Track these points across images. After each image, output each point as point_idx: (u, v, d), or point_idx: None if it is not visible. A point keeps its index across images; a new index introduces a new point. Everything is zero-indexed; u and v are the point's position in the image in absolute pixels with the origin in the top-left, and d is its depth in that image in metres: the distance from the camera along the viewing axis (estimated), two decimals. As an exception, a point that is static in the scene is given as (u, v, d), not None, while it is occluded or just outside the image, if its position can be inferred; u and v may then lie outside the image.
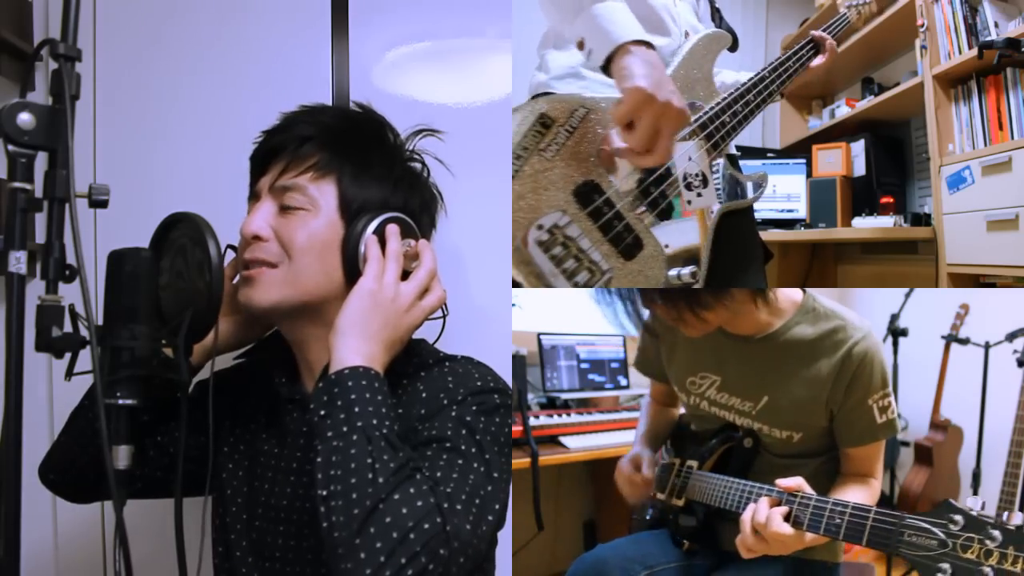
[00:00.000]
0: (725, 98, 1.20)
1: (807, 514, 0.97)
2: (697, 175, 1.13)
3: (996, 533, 0.77)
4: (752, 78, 1.25)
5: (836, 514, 0.94)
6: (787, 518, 0.99)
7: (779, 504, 1.00)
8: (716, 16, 1.36)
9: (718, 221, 1.15)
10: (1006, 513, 0.80)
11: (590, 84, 1.14)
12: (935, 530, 0.82)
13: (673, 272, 1.10)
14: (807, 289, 1.21)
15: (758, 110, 1.24)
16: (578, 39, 1.04)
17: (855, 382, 1.11)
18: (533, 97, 1.24)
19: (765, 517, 0.98)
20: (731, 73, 1.40)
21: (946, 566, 0.80)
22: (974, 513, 0.80)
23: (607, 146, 1.08)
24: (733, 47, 1.27)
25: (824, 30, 1.45)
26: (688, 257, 1.13)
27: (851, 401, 1.12)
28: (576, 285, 1.06)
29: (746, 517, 1.01)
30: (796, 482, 1.01)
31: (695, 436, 1.34)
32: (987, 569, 0.76)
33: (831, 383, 1.12)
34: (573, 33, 1.05)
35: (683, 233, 1.13)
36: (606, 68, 1.02)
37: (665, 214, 1.12)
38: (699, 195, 1.13)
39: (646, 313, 1.19)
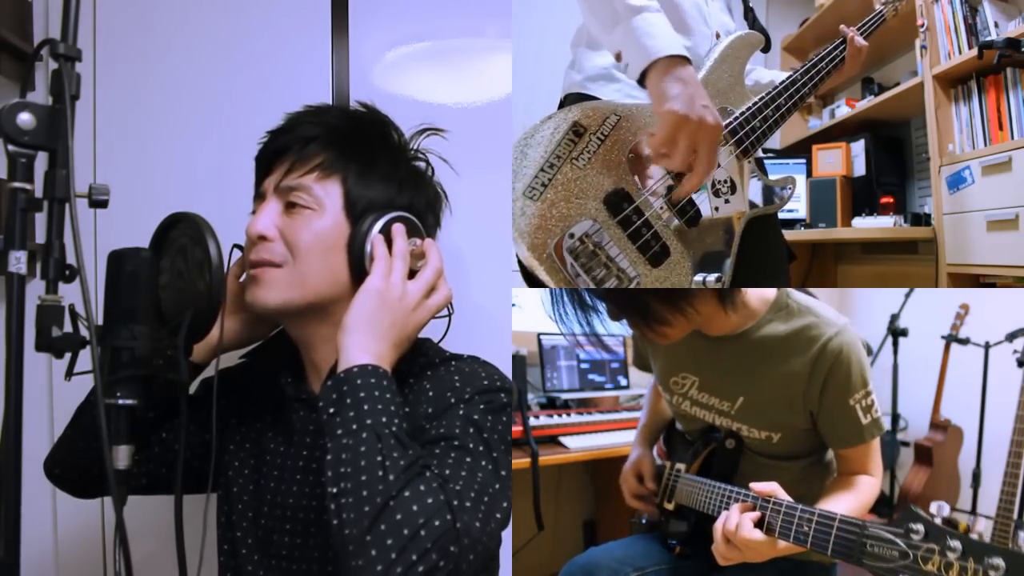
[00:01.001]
0: (756, 103, 1.19)
1: (779, 520, 0.95)
2: (725, 182, 1.13)
3: (956, 544, 0.74)
4: (784, 81, 1.24)
5: (804, 521, 0.91)
6: (760, 524, 0.97)
7: (752, 509, 0.98)
8: (749, 15, 1.35)
9: (744, 227, 1.15)
10: (970, 518, 0.77)
11: (623, 86, 1.14)
12: (897, 540, 0.78)
13: (699, 278, 1.10)
14: (789, 290, 1.18)
15: (789, 114, 1.23)
16: (616, 51, 1.05)
17: (831, 380, 1.08)
18: (565, 96, 1.25)
19: (735, 524, 0.97)
20: (765, 72, 1.39)
21: None
22: (937, 521, 0.77)
23: (636, 153, 1.08)
24: (766, 48, 1.26)
25: (859, 28, 1.43)
26: (715, 262, 1.14)
27: (830, 401, 1.09)
28: (603, 287, 1.06)
29: (718, 525, 1.00)
30: (770, 487, 0.99)
31: (683, 439, 1.33)
32: None
33: (805, 381, 1.09)
34: (611, 44, 1.06)
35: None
36: (642, 80, 1.03)
37: (693, 221, 1.13)
38: (727, 201, 1.13)
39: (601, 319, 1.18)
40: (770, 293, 1.16)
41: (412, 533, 0.74)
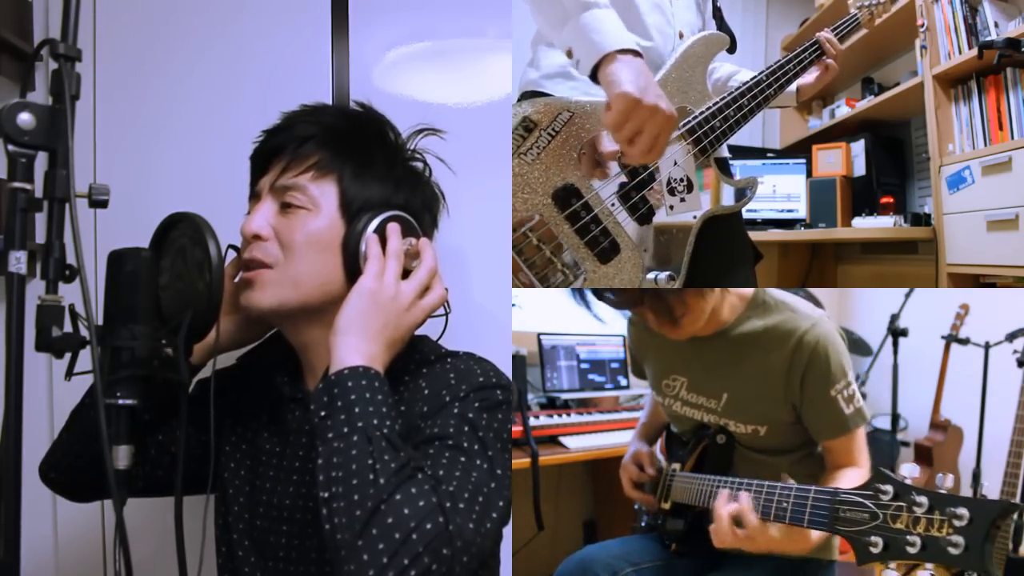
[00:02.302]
0: (717, 102, 1.18)
1: (760, 501, 0.97)
2: (682, 180, 1.12)
3: (922, 499, 0.74)
4: (747, 82, 1.24)
5: (783, 498, 0.92)
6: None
7: (735, 499, 0.99)
8: (717, 16, 1.35)
9: (701, 225, 1.15)
10: (940, 476, 0.77)
11: (579, 84, 1.13)
12: (866, 502, 0.78)
13: (651, 276, 1.10)
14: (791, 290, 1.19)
15: (751, 115, 1.22)
16: (566, 48, 1.05)
17: (810, 373, 1.10)
18: (522, 94, 1.24)
19: (726, 513, 0.98)
20: (749, 73, 1.38)
21: (877, 539, 0.76)
22: (906, 480, 0.77)
23: (591, 149, 1.08)
24: (731, 49, 1.26)
25: (832, 30, 1.43)
26: (668, 260, 1.13)
27: (811, 393, 1.11)
28: (549, 286, 1.06)
29: (722, 511, 1.00)
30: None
31: (677, 439, 1.34)
32: (914, 538, 0.73)
33: (785, 375, 1.11)
34: (561, 42, 1.06)
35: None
36: (594, 77, 1.02)
37: (645, 218, 1.12)
38: (683, 200, 1.12)
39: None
40: (747, 290, 1.18)
41: (404, 537, 0.73)
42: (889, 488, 0.77)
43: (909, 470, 0.78)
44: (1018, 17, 1.76)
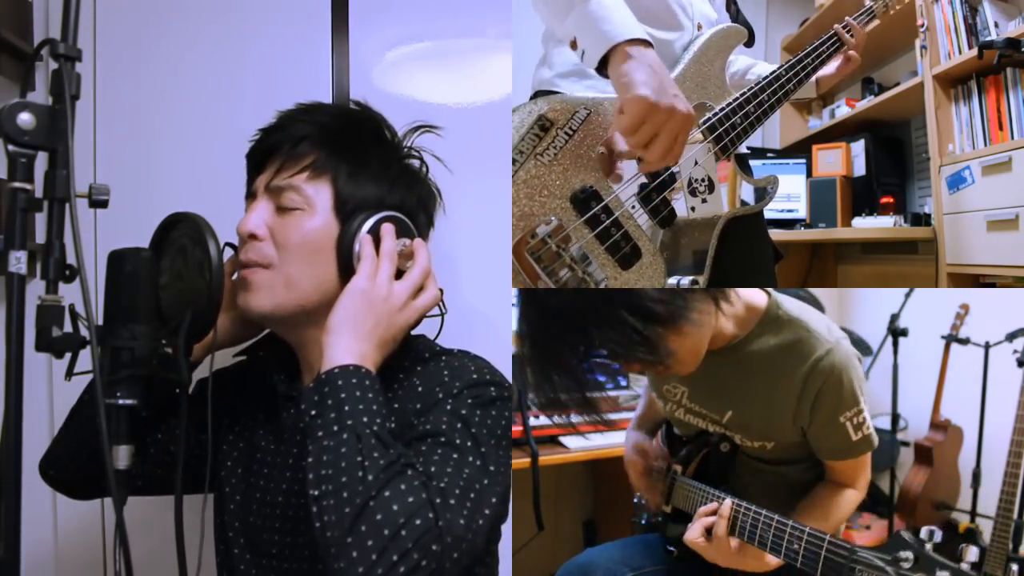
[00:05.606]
0: (736, 98, 1.15)
1: (770, 535, 0.96)
2: (703, 180, 1.08)
3: (945, 574, 0.74)
4: (767, 76, 1.21)
5: (794, 539, 0.92)
6: (734, 530, 0.98)
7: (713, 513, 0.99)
8: (731, 8, 1.32)
9: (723, 227, 1.11)
10: (962, 547, 0.76)
11: (595, 83, 1.09)
12: (887, 568, 0.79)
13: (672, 280, 1.06)
14: (772, 291, 1.13)
15: (772, 111, 1.19)
16: (570, 38, 1.01)
17: (821, 399, 1.06)
18: (534, 94, 1.21)
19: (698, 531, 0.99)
20: (766, 66, 1.34)
21: None
22: (927, 548, 0.77)
23: (607, 149, 1.04)
24: (749, 42, 1.22)
25: (845, 24, 1.41)
26: (691, 264, 1.10)
27: (821, 418, 1.07)
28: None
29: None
30: None
31: (680, 439, 1.33)
32: None
33: (796, 398, 1.06)
34: (565, 32, 1.01)
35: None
36: (601, 69, 0.98)
37: (667, 221, 1.08)
38: (704, 201, 1.08)
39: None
40: (760, 301, 1.11)
41: (393, 533, 0.73)
42: (910, 556, 0.77)
43: (929, 534, 0.78)
44: (1018, 17, 1.76)
